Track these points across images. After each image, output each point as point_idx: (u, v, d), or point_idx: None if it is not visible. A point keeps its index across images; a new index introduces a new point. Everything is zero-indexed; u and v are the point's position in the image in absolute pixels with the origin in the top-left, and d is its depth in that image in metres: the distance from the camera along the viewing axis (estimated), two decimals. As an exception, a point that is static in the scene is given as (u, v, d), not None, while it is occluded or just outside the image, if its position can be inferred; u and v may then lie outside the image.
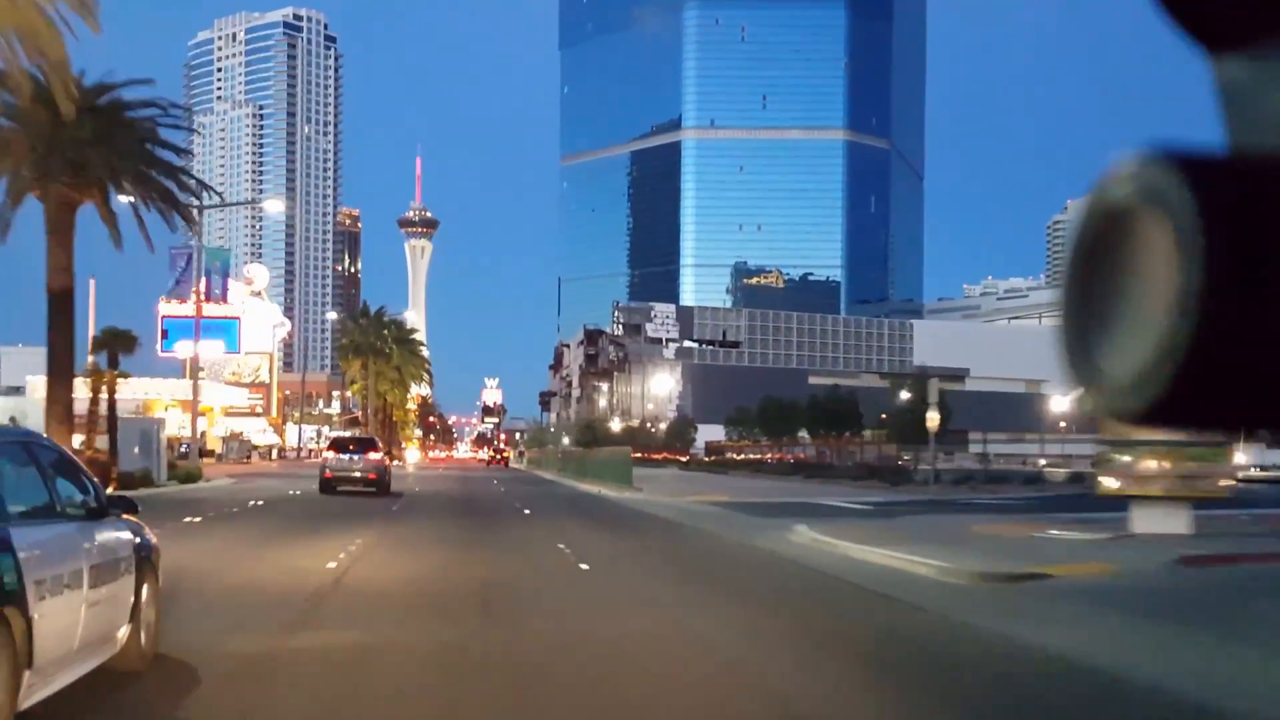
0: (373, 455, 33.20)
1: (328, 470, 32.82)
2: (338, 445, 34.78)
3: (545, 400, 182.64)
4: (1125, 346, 0.77)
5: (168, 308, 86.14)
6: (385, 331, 73.70)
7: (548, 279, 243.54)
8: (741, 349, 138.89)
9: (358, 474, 32.21)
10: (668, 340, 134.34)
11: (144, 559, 7.55)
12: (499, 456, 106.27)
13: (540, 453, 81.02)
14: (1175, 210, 0.74)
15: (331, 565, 13.96)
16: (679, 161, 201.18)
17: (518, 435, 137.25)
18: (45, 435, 9.19)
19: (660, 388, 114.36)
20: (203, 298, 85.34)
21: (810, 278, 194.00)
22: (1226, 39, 0.85)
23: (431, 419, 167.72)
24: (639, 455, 58.75)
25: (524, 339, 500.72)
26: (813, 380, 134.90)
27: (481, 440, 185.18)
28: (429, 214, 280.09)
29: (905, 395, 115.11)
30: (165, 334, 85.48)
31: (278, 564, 14.27)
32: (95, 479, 7.36)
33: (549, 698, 7.20)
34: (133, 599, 7.24)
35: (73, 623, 6.03)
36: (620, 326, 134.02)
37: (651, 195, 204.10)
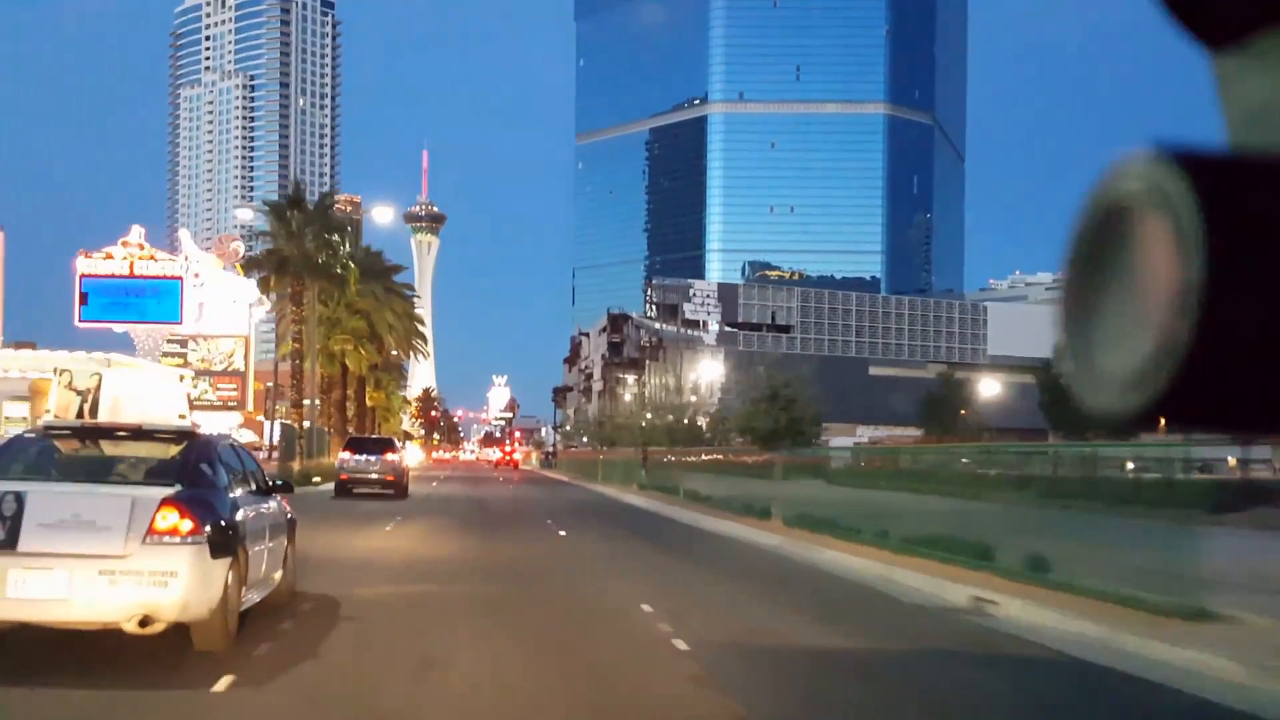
0: (390, 456, 32.19)
1: (344, 472, 31.78)
2: (354, 446, 33.38)
3: (560, 396, 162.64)
4: (1126, 344, 0.75)
5: (87, 264, 65.33)
6: (335, 237, 40.27)
7: (559, 273, 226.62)
8: (793, 333, 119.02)
9: (375, 475, 31.28)
10: (707, 323, 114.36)
11: (291, 527, 10.49)
12: (508, 458, 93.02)
13: (602, 454, 52.09)
14: (1176, 209, 0.71)
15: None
16: (705, 138, 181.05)
17: (545, 430, 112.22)
18: None
19: (709, 376, 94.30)
20: (138, 250, 65.81)
21: (846, 263, 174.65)
22: (1227, 37, 0.83)
23: (434, 413, 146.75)
24: (713, 459, 38.92)
25: (533, 336, 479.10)
26: (874, 371, 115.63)
27: (490, 440, 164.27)
28: (436, 209, 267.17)
29: (996, 388, 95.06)
30: (85, 298, 64.74)
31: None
32: (262, 467, 10.60)
33: None
34: (284, 553, 10.10)
35: (260, 561, 8.88)
36: (654, 307, 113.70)
37: (674, 175, 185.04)
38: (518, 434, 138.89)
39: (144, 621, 7.11)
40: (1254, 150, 0.79)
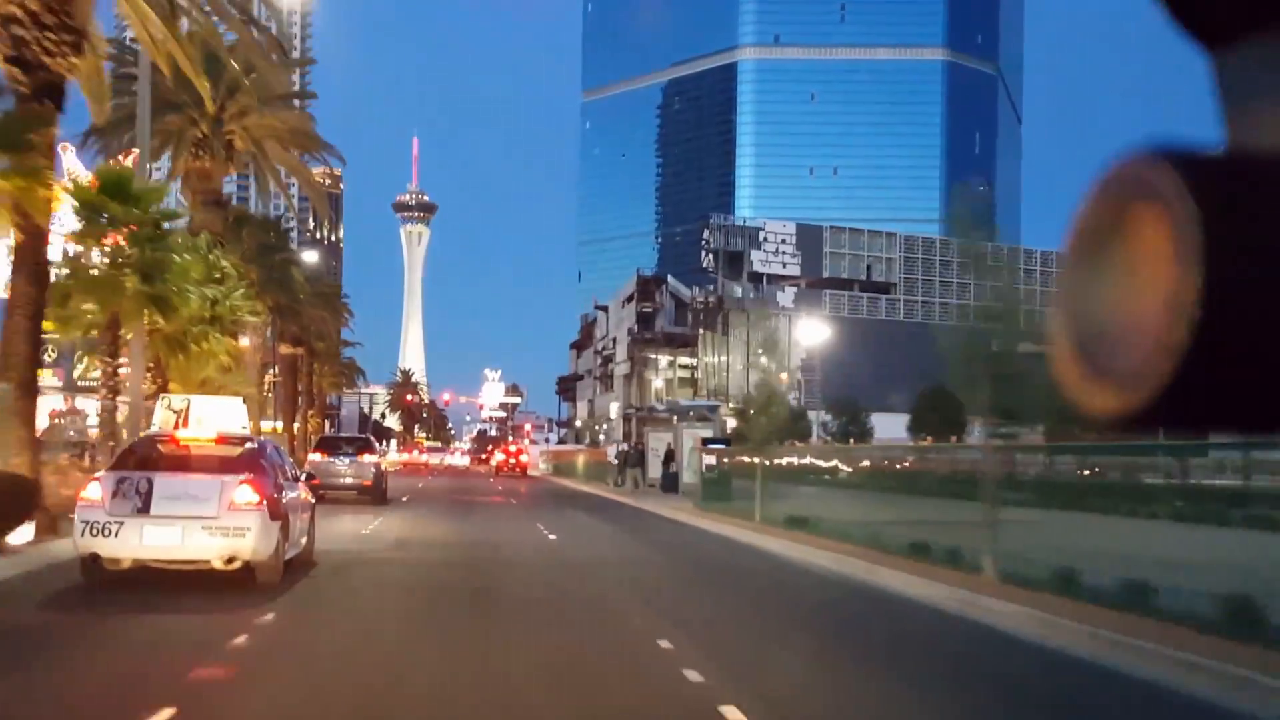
0: (366, 457, 29.55)
1: (314, 476, 25.24)
2: (325, 446, 30.93)
3: (567, 386, 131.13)
4: (1124, 345, 0.73)
5: None
6: None
7: (559, 260, 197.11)
8: (894, 294, 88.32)
9: (349, 480, 28.87)
10: (785, 279, 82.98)
11: (312, 507, 14.63)
12: (513, 460, 68.31)
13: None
14: (1174, 209, 0.70)
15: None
16: (734, 90, 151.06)
17: (639, 412, 71.26)
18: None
19: (811, 341, 63.17)
20: None
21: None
22: (1225, 36, 0.81)
23: (411, 398, 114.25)
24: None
25: (529, 332, 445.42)
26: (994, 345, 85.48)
27: (483, 440, 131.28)
28: (426, 197, 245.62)
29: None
30: None
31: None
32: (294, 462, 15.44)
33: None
34: (309, 524, 14.24)
35: (295, 527, 12.92)
36: (711, 257, 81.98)
37: (698, 134, 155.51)
38: (527, 428, 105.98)
39: (229, 560, 11.48)
40: (1254, 150, 0.77)
